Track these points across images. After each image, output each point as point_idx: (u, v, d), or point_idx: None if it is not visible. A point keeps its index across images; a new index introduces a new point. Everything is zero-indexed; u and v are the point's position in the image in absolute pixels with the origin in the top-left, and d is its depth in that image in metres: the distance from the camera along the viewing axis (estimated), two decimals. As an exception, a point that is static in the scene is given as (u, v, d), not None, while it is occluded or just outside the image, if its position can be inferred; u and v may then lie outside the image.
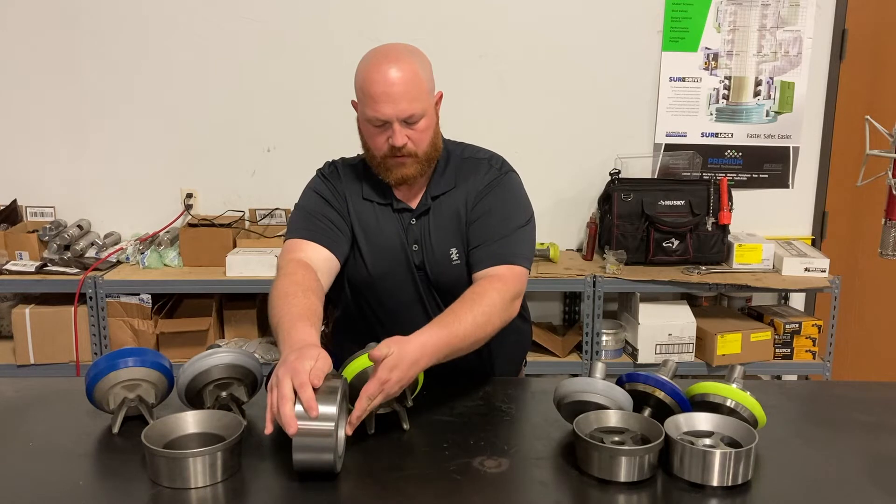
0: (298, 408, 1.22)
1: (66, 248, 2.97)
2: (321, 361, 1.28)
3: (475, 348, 1.52)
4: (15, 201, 3.19)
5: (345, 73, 3.16)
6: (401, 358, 1.35)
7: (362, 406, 1.32)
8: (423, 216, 1.72)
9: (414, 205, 1.73)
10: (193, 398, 1.48)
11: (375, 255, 1.71)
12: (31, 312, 2.90)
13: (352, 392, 1.42)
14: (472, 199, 1.71)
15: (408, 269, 1.72)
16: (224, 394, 1.48)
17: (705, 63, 3.21)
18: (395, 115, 1.58)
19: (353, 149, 1.85)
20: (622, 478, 1.27)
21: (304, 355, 1.28)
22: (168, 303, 3.05)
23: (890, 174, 1.65)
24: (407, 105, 1.58)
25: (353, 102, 1.70)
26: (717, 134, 3.28)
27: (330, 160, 1.81)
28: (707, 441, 1.33)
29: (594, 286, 2.97)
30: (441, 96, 1.71)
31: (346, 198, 1.73)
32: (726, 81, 3.23)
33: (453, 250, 1.71)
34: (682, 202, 3.07)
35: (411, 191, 1.73)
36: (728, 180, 3.13)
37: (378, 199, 1.73)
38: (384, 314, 1.76)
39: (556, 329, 3.32)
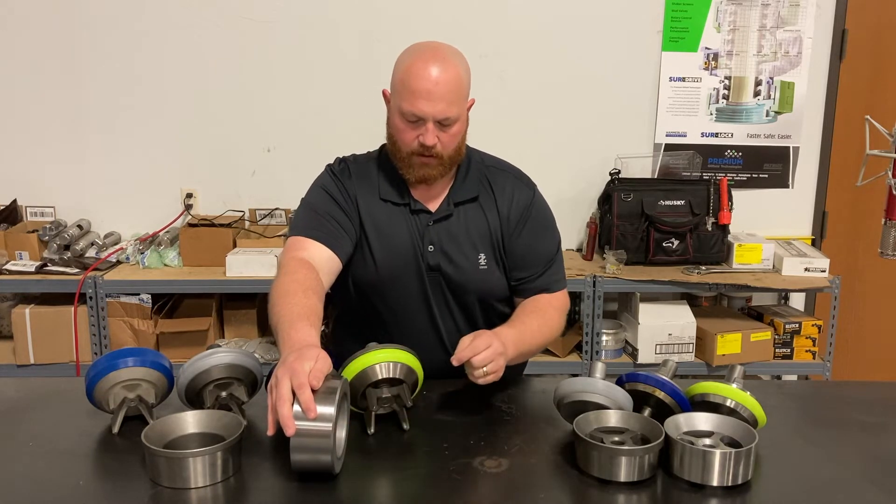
0: (297, 408, 1.22)
1: (66, 248, 2.97)
2: (321, 362, 1.27)
3: (534, 354, 1.68)
4: (15, 201, 3.19)
5: (345, 72, 3.19)
6: (494, 334, 1.51)
7: (466, 353, 1.45)
8: (443, 220, 1.72)
9: (433, 207, 1.73)
10: (193, 398, 1.48)
11: (385, 254, 1.71)
12: (31, 312, 2.90)
13: (352, 392, 1.42)
14: (513, 220, 1.75)
15: (417, 269, 1.72)
16: (224, 394, 1.48)
17: (705, 63, 3.22)
18: (432, 114, 1.58)
19: (354, 148, 1.85)
20: (622, 478, 1.27)
21: (303, 356, 1.28)
22: (168, 303, 3.05)
23: (890, 174, 1.65)
24: (445, 107, 1.58)
25: (384, 92, 1.70)
26: (717, 134, 3.28)
27: (341, 157, 1.80)
28: (707, 441, 1.33)
29: (594, 286, 2.97)
30: (473, 102, 1.71)
31: (355, 197, 1.72)
32: (726, 81, 3.23)
33: (482, 256, 1.73)
34: (682, 202, 3.07)
35: (430, 193, 1.73)
36: (728, 180, 3.13)
37: (396, 199, 1.72)
38: (388, 314, 1.76)
39: (556, 329, 3.31)
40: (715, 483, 1.26)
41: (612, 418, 1.39)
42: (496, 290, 1.77)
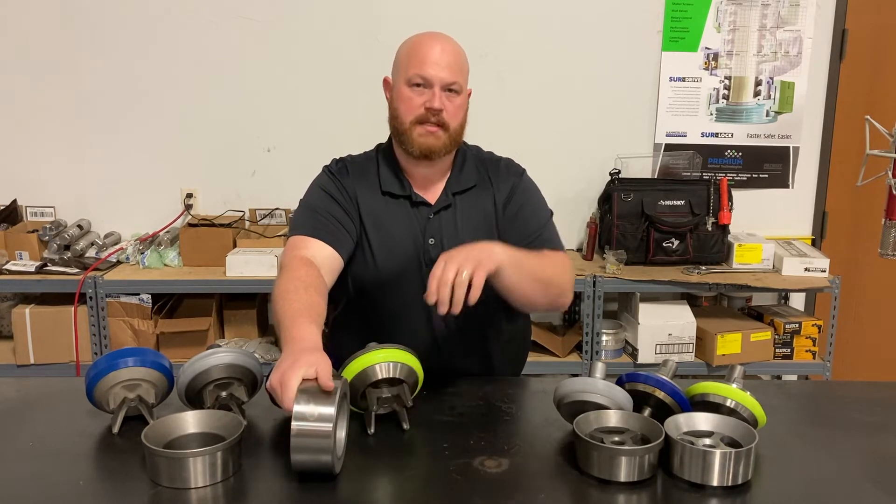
0: (297, 409, 1.22)
1: (66, 248, 2.97)
2: (322, 366, 1.27)
3: (538, 292, 1.60)
4: (15, 201, 3.19)
5: (345, 72, 3.19)
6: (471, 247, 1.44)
7: (436, 275, 1.39)
8: (443, 211, 1.74)
9: (432, 200, 1.74)
10: (193, 398, 1.48)
11: (386, 251, 1.71)
12: (31, 312, 2.90)
13: (352, 392, 1.42)
14: (503, 201, 1.76)
15: (418, 263, 1.72)
16: (224, 394, 1.48)
17: (705, 63, 3.22)
18: (439, 77, 1.63)
19: (354, 148, 1.85)
20: (622, 478, 1.27)
21: (297, 363, 1.28)
22: (168, 303, 3.05)
23: (890, 174, 1.65)
24: (451, 74, 1.64)
25: (385, 80, 1.74)
26: (717, 134, 3.28)
27: (337, 157, 1.81)
28: (707, 441, 1.33)
29: (594, 286, 2.97)
30: (470, 93, 1.75)
31: (355, 195, 1.73)
32: (726, 81, 3.23)
33: None
34: (682, 202, 3.07)
35: (429, 184, 1.74)
36: (728, 180, 3.13)
37: (397, 191, 1.74)
38: (386, 313, 1.76)
39: (556, 329, 3.32)
40: (715, 483, 1.26)
41: (612, 418, 1.39)
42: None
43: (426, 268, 1.72)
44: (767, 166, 3.31)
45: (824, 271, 3.04)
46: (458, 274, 1.39)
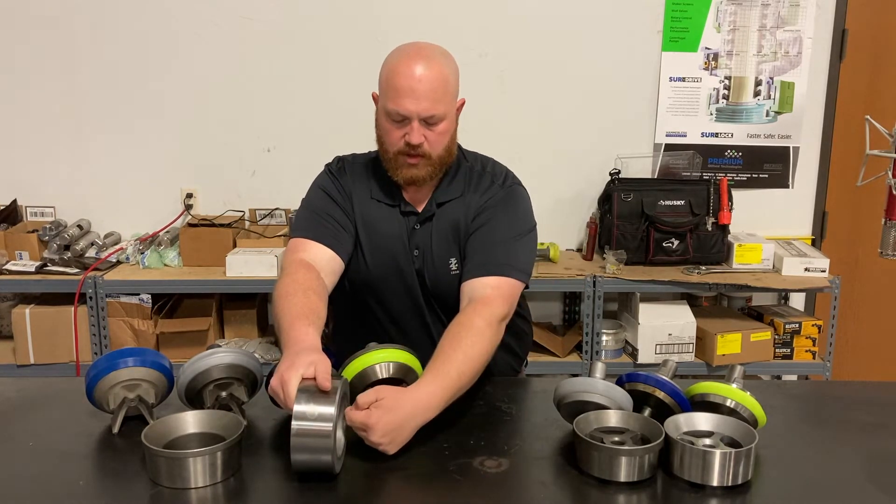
0: (297, 408, 1.22)
1: (66, 248, 2.97)
2: (321, 366, 1.28)
3: (474, 382, 1.49)
4: (15, 201, 3.19)
5: (345, 72, 3.19)
6: (397, 405, 1.32)
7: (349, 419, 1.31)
8: (426, 222, 1.72)
9: (420, 209, 1.72)
10: (193, 398, 1.48)
11: (376, 255, 1.71)
12: (31, 312, 2.90)
13: (352, 392, 1.42)
14: (473, 212, 1.70)
15: (408, 272, 1.72)
16: (224, 394, 1.48)
17: (705, 63, 3.21)
18: (416, 112, 1.57)
19: (354, 148, 1.85)
20: (622, 478, 1.27)
21: (294, 365, 1.28)
22: (168, 303, 3.05)
23: (890, 174, 1.65)
24: (430, 105, 1.57)
25: (373, 95, 1.69)
26: (717, 134, 3.28)
27: (339, 155, 1.81)
28: (707, 441, 1.33)
29: (594, 286, 2.97)
30: (463, 103, 1.70)
31: (351, 195, 1.73)
32: (726, 81, 3.23)
33: (452, 260, 1.71)
34: (682, 202, 3.07)
35: (419, 194, 1.72)
36: (728, 180, 3.13)
37: (387, 199, 1.72)
38: (384, 314, 1.76)
39: (556, 329, 3.32)
40: (715, 483, 1.26)
41: (612, 418, 1.39)
42: None
43: (417, 278, 1.72)
44: (767, 166, 3.31)
45: (824, 271, 3.04)
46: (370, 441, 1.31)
